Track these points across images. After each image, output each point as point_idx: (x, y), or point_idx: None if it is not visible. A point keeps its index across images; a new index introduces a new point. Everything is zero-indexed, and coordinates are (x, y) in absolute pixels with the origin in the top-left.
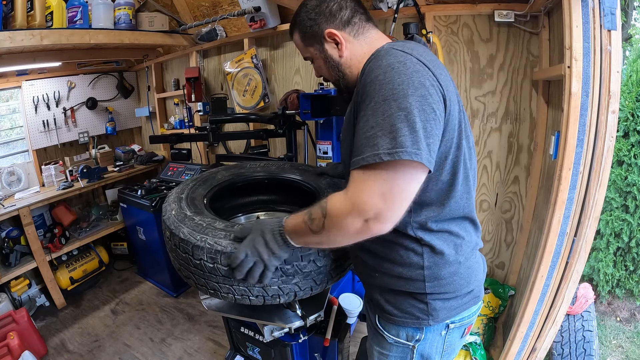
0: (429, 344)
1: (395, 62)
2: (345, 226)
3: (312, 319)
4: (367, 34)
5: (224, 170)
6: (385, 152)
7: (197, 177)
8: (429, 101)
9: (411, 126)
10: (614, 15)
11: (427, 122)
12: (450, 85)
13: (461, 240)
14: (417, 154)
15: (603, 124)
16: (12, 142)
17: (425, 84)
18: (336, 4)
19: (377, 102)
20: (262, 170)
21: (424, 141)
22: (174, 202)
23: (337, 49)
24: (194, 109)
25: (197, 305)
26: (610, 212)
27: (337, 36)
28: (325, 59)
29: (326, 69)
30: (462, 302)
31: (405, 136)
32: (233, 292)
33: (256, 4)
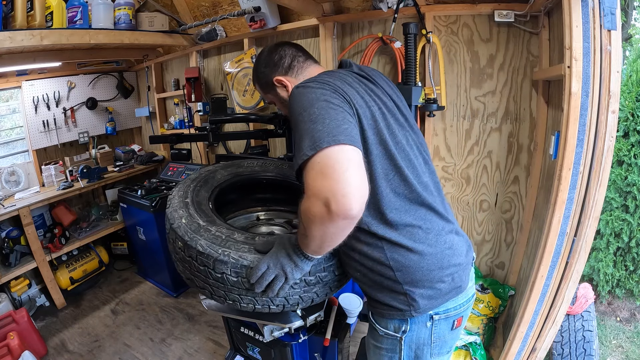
0: (416, 335)
1: (299, 92)
2: (314, 216)
3: (312, 318)
4: (305, 72)
5: (222, 168)
6: (309, 148)
7: (196, 177)
8: (332, 102)
9: (322, 123)
10: (614, 15)
11: (336, 118)
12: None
13: (417, 229)
14: (335, 139)
15: (603, 124)
16: (12, 142)
17: (325, 93)
18: (277, 55)
19: (294, 120)
20: (260, 169)
21: (338, 129)
22: (182, 209)
23: (286, 90)
24: (194, 109)
25: (197, 305)
26: (610, 212)
27: (282, 80)
28: (279, 100)
29: (282, 107)
30: (441, 291)
31: (319, 132)
32: (254, 302)
33: (256, 4)
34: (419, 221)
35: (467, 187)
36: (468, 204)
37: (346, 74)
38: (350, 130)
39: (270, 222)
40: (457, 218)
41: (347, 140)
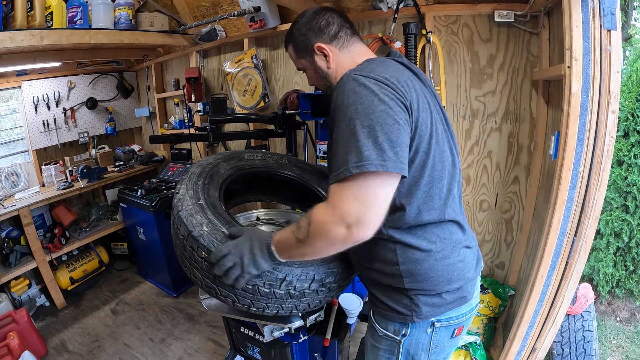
0: (415, 340)
1: (355, 86)
2: (329, 232)
3: (312, 319)
4: (351, 47)
5: (223, 161)
6: (354, 166)
7: (200, 172)
8: (389, 114)
9: (374, 140)
10: (614, 15)
11: (391, 134)
12: (417, 92)
13: (436, 237)
14: (383, 165)
15: (603, 124)
16: (12, 142)
17: (385, 99)
18: (324, 20)
19: (345, 122)
20: (260, 162)
21: (390, 151)
22: (199, 214)
23: (325, 60)
24: (194, 109)
25: (197, 305)
26: (610, 212)
27: (325, 49)
28: (315, 69)
29: (316, 78)
30: (445, 300)
31: (370, 150)
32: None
33: (256, 4)
34: (440, 232)
35: (467, 187)
36: (468, 204)
37: (401, 67)
38: (403, 152)
39: (270, 222)
40: None
41: (395, 168)
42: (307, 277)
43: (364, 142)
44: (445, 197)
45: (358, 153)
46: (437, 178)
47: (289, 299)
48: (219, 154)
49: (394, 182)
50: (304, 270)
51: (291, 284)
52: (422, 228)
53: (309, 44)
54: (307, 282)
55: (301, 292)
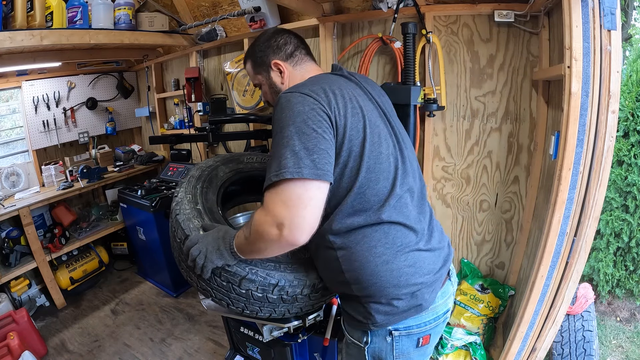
0: (377, 347)
1: (283, 103)
2: (263, 233)
3: (311, 318)
4: (303, 65)
5: (222, 164)
6: (274, 174)
7: (199, 176)
8: (307, 124)
9: (292, 149)
10: (614, 15)
11: (308, 142)
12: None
13: (375, 241)
14: (298, 172)
15: (603, 124)
16: (12, 142)
17: (304, 110)
18: (282, 40)
19: (273, 129)
20: (259, 165)
21: (307, 158)
22: (196, 219)
23: (280, 76)
24: (194, 109)
25: (197, 305)
26: (610, 212)
27: (280, 65)
28: (270, 84)
29: (270, 93)
30: (398, 308)
31: (287, 159)
32: (273, 312)
33: (256, 4)
34: (380, 235)
35: (467, 187)
36: (468, 204)
37: (337, 78)
38: (319, 161)
39: None
40: (456, 218)
41: (311, 174)
42: (300, 283)
43: (283, 151)
44: (384, 199)
45: (278, 162)
46: (373, 180)
47: (281, 303)
48: (218, 156)
49: (317, 187)
50: (296, 275)
51: (283, 289)
52: (359, 232)
53: (266, 60)
54: (300, 288)
55: (293, 297)
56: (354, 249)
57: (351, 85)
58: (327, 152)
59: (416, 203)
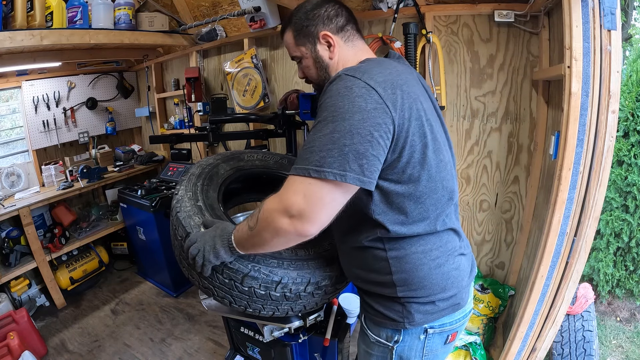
0: (408, 346)
1: (342, 87)
2: (273, 222)
3: (311, 318)
4: (355, 42)
5: (222, 162)
6: (314, 169)
7: (200, 173)
8: (365, 124)
9: (340, 148)
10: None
11: (360, 145)
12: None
13: (432, 245)
14: (342, 176)
15: (603, 124)
16: (12, 142)
17: (367, 107)
18: (334, 10)
19: (321, 121)
20: (260, 163)
21: (354, 162)
22: (197, 215)
23: (328, 50)
24: (194, 109)
25: (197, 305)
26: (610, 212)
27: (331, 38)
28: (316, 59)
29: (315, 69)
30: (439, 307)
31: (333, 157)
32: (276, 310)
33: (256, 4)
34: (436, 240)
35: (467, 187)
36: (468, 204)
37: (403, 69)
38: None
39: None
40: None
41: (354, 180)
42: (303, 280)
43: (331, 147)
44: (443, 206)
45: (322, 157)
46: (433, 189)
47: (284, 301)
48: (218, 154)
49: (348, 192)
50: (299, 273)
51: (287, 286)
52: (418, 238)
53: (314, 30)
54: (303, 285)
55: (297, 295)
56: (408, 252)
57: (414, 79)
58: (378, 159)
59: (455, 208)
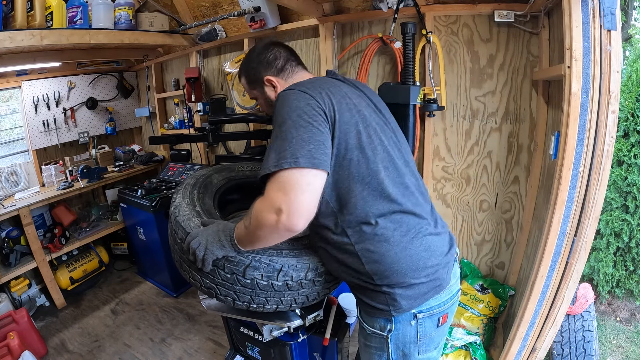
0: (401, 333)
1: (281, 100)
2: (263, 219)
3: (311, 318)
4: (295, 76)
5: (215, 173)
6: (273, 164)
7: (195, 183)
8: (303, 117)
9: (289, 141)
10: (614, 15)
11: (304, 134)
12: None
13: (391, 231)
14: (295, 162)
15: (603, 124)
16: (12, 142)
17: (300, 105)
18: (272, 55)
19: (274, 128)
20: (250, 173)
21: (303, 149)
22: (196, 218)
23: (274, 90)
24: (194, 109)
25: (197, 305)
26: (610, 212)
27: (273, 81)
28: (265, 98)
29: (266, 106)
30: (420, 290)
31: (285, 150)
32: (280, 303)
33: (256, 4)
34: (394, 224)
35: (467, 187)
36: (468, 204)
37: (329, 79)
38: (315, 151)
39: None
40: (456, 218)
41: (308, 164)
42: (303, 267)
43: (280, 143)
44: (391, 189)
45: (277, 154)
46: (375, 171)
47: (287, 290)
48: (210, 167)
49: (314, 174)
50: (299, 260)
51: (288, 274)
52: (374, 225)
53: (259, 76)
54: (304, 272)
55: (299, 283)
56: (371, 241)
57: (345, 85)
58: (323, 144)
59: (418, 193)
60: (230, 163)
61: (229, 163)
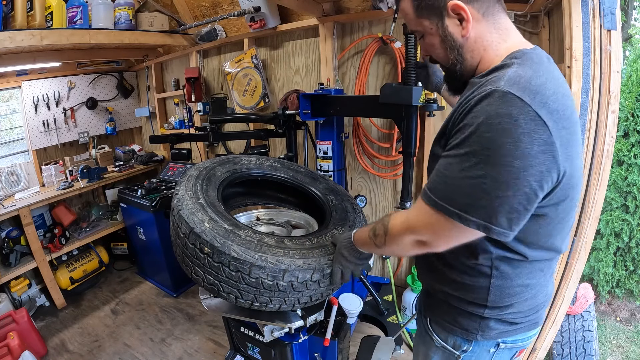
0: (475, 357)
1: (506, 116)
2: (402, 243)
3: (312, 318)
4: (497, 16)
5: (219, 165)
6: (456, 213)
7: (198, 175)
8: (525, 174)
9: (491, 200)
10: (614, 15)
11: (513, 198)
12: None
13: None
14: (486, 228)
15: (603, 124)
16: (12, 142)
17: (531, 152)
18: None
19: (470, 153)
20: (254, 166)
21: (503, 216)
22: (200, 212)
23: (460, 26)
24: (194, 109)
25: (197, 305)
26: (610, 212)
27: (464, 10)
28: (444, 36)
29: (442, 49)
30: (518, 326)
31: (480, 207)
32: (283, 303)
33: (256, 4)
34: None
35: None
36: None
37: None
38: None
39: (270, 222)
40: None
41: (496, 234)
42: (309, 267)
43: (481, 195)
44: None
45: (469, 203)
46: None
47: (291, 291)
48: (214, 158)
49: (474, 234)
50: (305, 261)
51: (293, 274)
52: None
53: (441, 1)
54: (309, 273)
55: (303, 284)
56: (513, 281)
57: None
58: (529, 211)
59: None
60: (233, 155)
61: (232, 155)
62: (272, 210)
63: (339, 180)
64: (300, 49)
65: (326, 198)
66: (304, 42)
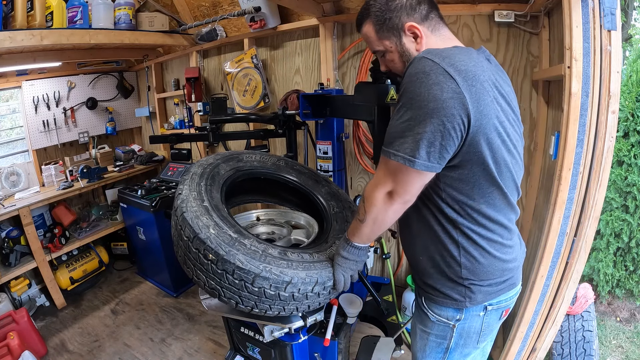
0: (468, 323)
1: (420, 72)
2: (376, 201)
3: (312, 319)
4: (442, 30)
5: (222, 162)
6: (393, 152)
7: (202, 173)
8: (438, 114)
9: (414, 136)
10: (614, 16)
11: (431, 134)
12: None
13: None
14: (411, 161)
15: (603, 124)
16: (12, 142)
17: (442, 97)
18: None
19: (401, 106)
20: (259, 164)
21: (423, 150)
22: (204, 216)
23: (415, 42)
24: (194, 109)
25: (197, 305)
26: (610, 212)
27: (417, 29)
28: (402, 52)
29: (400, 62)
30: (498, 287)
31: (407, 143)
32: (282, 310)
33: (256, 4)
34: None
35: None
36: None
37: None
38: (436, 153)
39: (270, 222)
40: None
41: (421, 166)
42: (311, 280)
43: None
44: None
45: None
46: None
47: (292, 301)
48: (217, 154)
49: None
50: (308, 273)
51: (296, 286)
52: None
53: (399, 23)
54: (311, 285)
55: (304, 295)
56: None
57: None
58: (446, 149)
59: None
60: (237, 151)
61: (236, 151)
62: (272, 210)
63: (338, 180)
64: (300, 49)
65: (328, 204)
66: (304, 42)
